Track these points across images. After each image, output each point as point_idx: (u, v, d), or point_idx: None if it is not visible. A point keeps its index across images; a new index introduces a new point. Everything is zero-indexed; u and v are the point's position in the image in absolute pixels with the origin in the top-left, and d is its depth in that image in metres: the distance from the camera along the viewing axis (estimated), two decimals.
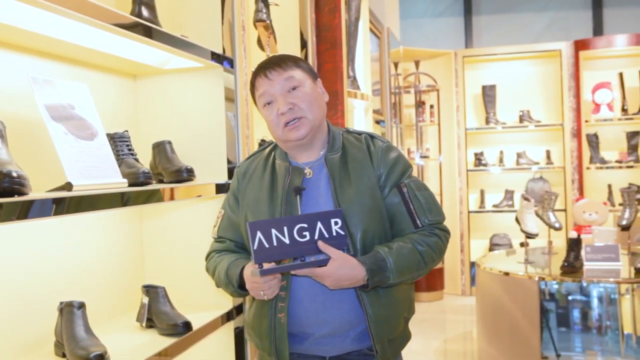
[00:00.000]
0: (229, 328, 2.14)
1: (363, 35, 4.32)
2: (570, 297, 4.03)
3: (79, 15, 1.42)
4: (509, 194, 6.28)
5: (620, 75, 6.04)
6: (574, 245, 3.54)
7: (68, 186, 1.42)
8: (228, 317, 2.11)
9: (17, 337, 1.66)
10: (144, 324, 1.92)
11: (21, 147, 1.63)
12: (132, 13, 1.80)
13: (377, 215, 1.58)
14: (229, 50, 2.19)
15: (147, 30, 1.71)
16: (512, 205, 6.21)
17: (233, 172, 1.79)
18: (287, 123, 1.57)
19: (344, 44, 3.70)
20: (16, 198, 1.22)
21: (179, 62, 2.07)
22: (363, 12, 4.30)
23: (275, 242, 1.41)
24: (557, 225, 4.06)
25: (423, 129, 6.43)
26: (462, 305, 5.91)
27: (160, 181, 2.00)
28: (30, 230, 1.71)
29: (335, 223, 1.47)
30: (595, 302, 4.03)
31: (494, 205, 6.33)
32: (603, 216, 4.19)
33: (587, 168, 5.99)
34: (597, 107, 6.02)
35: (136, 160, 1.80)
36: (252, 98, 1.67)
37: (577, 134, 6.03)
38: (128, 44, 1.76)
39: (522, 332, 3.52)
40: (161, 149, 2.02)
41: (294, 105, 1.57)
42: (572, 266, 3.46)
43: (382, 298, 1.56)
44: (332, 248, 1.46)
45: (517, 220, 4.04)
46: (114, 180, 1.58)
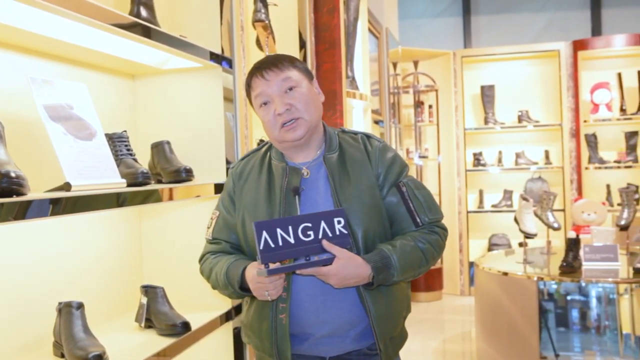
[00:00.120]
0: (228, 328, 2.14)
1: (362, 36, 4.32)
2: (568, 297, 4.04)
3: (77, 15, 1.42)
4: (507, 194, 6.28)
5: (619, 75, 6.05)
6: (572, 245, 3.55)
7: (67, 186, 1.42)
8: (227, 317, 2.11)
9: (16, 337, 1.66)
10: (143, 324, 1.92)
11: (20, 147, 1.63)
12: (130, 13, 1.80)
13: (378, 214, 1.59)
14: (227, 51, 2.19)
15: (146, 31, 1.71)
16: (510, 205, 6.21)
17: None
18: (284, 124, 1.57)
19: (342, 44, 3.70)
20: (14, 198, 1.22)
21: (177, 62, 2.07)
22: (362, 12, 4.30)
23: (280, 242, 1.41)
24: (555, 225, 4.06)
25: (422, 129, 6.43)
26: (460, 305, 5.91)
27: (159, 181, 1.99)
28: (29, 230, 1.71)
29: (338, 222, 1.47)
30: (593, 302, 4.04)
31: (493, 205, 6.34)
32: (601, 216, 4.19)
33: (586, 168, 5.99)
34: (595, 107, 6.02)
35: (135, 160, 1.79)
36: (248, 98, 1.66)
37: (575, 134, 6.03)
38: (127, 44, 1.76)
39: (520, 332, 3.53)
40: (160, 149, 2.02)
41: (291, 105, 1.56)
42: (570, 266, 3.46)
43: (384, 296, 1.57)
44: (337, 247, 1.46)
45: (515, 220, 4.04)
46: (112, 180, 1.58)
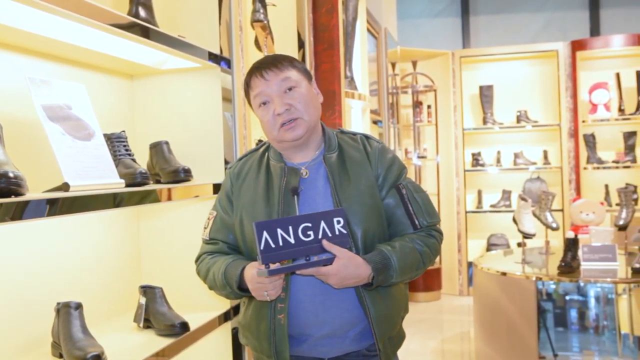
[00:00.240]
0: (227, 328, 2.14)
1: (360, 36, 4.32)
2: (567, 297, 4.04)
3: (76, 15, 1.42)
4: (506, 194, 6.29)
5: (617, 75, 6.05)
6: (571, 245, 3.55)
7: (65, 186, 1.41)
8: (225, 317, 2.11)
9: (14, 337, 1.66)
10: (141, 325, 1.92)
11: (18, 148, 1.62)
12: (129, 13, 1.80)
13: (377, 215, 1.59)
14: (226, 51, 2.19)
15: (145, 31, 1.71)
16: (509, 206, 6.21)
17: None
18: (284, 124, 1.57)
19: (341, 44, 3.70)
20: (11, 199, 1.21)
21: (176, 62, 2.07)
22: (360, 13, 4.30)
23: (281, 242, 1.40)
24: (554, 225, 4.07)
25: (420, 129, 6.44)
26: (459, 305, 5.91)
27: (158, 181, 1.99)
28: (27, 231, 1.71)
29: (338, 222, 1.46)
30: (592, 302, 4.04)
31: (492, 206, 6.34)
32: (600, 216, 4.20)
33: (584, 168, 6.00)
34: (594, 108, 6.02)
35: (133, 160, 1.79)
36: (247, 98, 1.66)
37: (574, 134, 6.04)
38: (125, 44, 1.76)
39: (519, 332, 3.53)
40: (158, 150, 2.02)
41: (291, 106, 1.56)
42: (569, 266, 3.47)
43: (383, 296, 1.57)
44: (337, 247, 1.45)
45: (514, 220, 4.04)
46: (111, 180, 1.58)
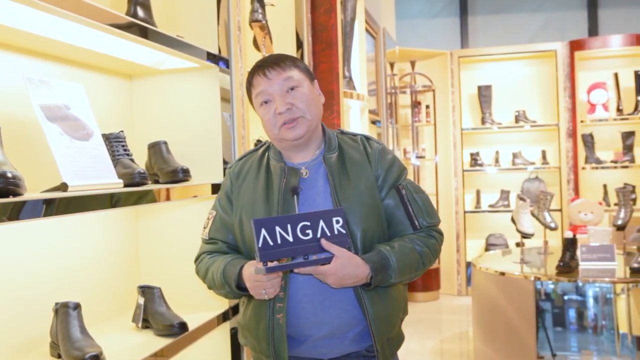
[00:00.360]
0: (225, 328, 2.14)
1: (359, 36, 4.32)
2: (565, 297, 4.04)
3: (74, 15, 1.42)
4: (504, 194, 6.29)
5: (616, 75, 6.06)
6: (569, 245, 3.56)
7: (63, 187, 1.41)
8: (224, 317, 2.11)
9: (13, 337, 1.65)
10: (140, 325, 1.91)
11: (17, 148, 1.62)
12: (127, 13, 1.80)
13: (377, 215, 1.59)
14: (224, 51, 2.19)
15: (143, 31, 1.71)
16: (508, 205, 6.22)
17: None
18: (285, 123, 1.57)
19: (339, 44, 3.70)
20: (8, 199, 1.21)
21: (174, 62, 2.07)
22: (359, 13, 4.30)
23: (279, 240, 1.40)
24: (552, 225, 4.07)
25: (419, 129, 6.44)
26: (458, 305, 5.91)
27: (156, 182, 1.99)
28: (26, 231, 1.71)
29: (337, 222, 1.46)
30: (590, 302, 4.05)
31: (490, 205, 6.35)
32: (598, 216, 4.20)
33: (583, 168, 6.01)
34: (592, 107, 6.03)
35: (132, 160, 1.79)
36: (248, 96, 1.66)
37: (572, 134, 6.04)
38: (123, 44, 1.76)
39: (518, 331, 3.53)
40: (157, 150, 2.02)
41: (292, 105, 1.56)
42: (567, 266, 3.47)
43: (381, 297, 1.57)
44: (336, 246, 1.45)
45: (512, 220, 4.05)
46: (109, 180, 1.57)
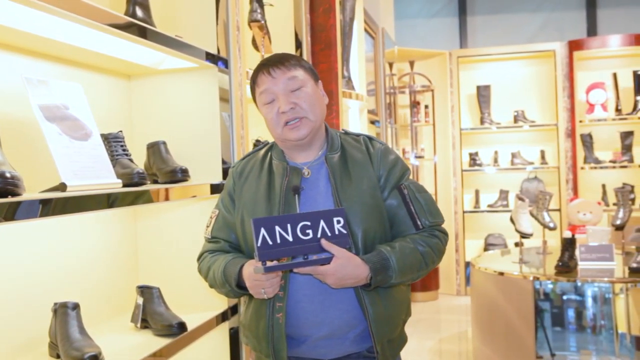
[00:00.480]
0: (224, 328, 2.14)
1: (358, 36, 4.32)
2: (564, 297, 4.05)
3: (73, 15, 1.42)
4: (503, 194, 6.29)
5: (614, 75, 6.07)
6: (568, 245, 3.56)
7: (62, 187, 1.41)
8: (223, 317, 2.11)
9: (12, 338, 1.65)
10: (139, 325, 1.91)
11: (15, 148, 1.62)
12: (126, 13, 1.80)
13: (378, 215, 1.58)
14: (223, 51, 2.19)
15: (142, 31, 1.71)
16: (506, 205, 6.22)
17: (228, 172, 1.78)
18: (288, 122, 1.57)
19: (338, 44, 3.70)
20: (7, 199, 1.21)
21: (173, 62, 2.07)
22: (358, 13, 4.30)
23: (278, 240, 1.40)
24: (551, 225, 4.07)
25: (418, 129, 6.44)
26: (457, 305, 5.92)
27: (155, 182, 1.99)
28: (25, 231, 1.71)
29: (338, 222, 1.46)
30: (589, 302, 4.05)
31: (489, 205, 6.35)
32: (597, 216, 4.20)
33: (582, 168, 6.01)
34: (591, 107, 6.04)
35: (131, 160, 1.79)
36: (252, 94, 1.66)
37: (571, 134, 6.05)
38: (122, 44, 1.76)
39: (516, 331, 3.53)
40: (156, 150, 2.02)
41: (296, 105, 1.56)
42: (566, 266, 3.47)
43: (382, 298, 1.56)
44: (336, 246, 1.45)
45: (511, 220, 4.05)
46: (108, 180, 1.57)
